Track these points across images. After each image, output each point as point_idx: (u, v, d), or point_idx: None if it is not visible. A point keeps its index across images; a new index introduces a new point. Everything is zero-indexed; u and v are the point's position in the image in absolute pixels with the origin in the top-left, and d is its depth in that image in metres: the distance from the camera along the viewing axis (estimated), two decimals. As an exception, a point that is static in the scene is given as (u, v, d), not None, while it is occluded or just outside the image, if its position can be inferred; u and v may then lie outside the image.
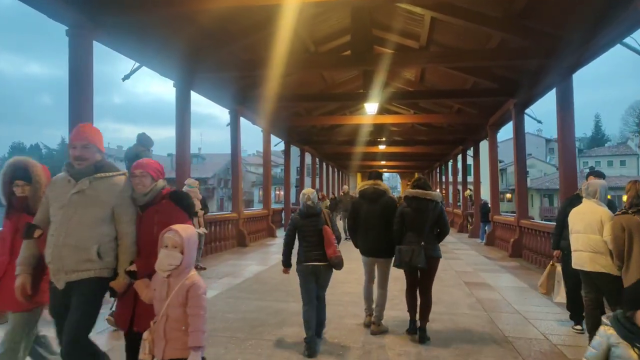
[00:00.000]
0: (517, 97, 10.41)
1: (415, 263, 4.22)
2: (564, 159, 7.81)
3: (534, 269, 8.83)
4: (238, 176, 12.27)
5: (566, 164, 7.79)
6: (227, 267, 8.64)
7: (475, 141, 17.05)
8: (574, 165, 7.87)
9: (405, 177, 51.99)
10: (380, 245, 4.57)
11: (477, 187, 16.58)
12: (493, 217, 13.40)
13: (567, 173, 7.76)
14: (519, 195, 10.78)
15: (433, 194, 4.38)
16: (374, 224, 4.60)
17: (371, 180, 4.81)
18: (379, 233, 4.57)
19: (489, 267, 9.15)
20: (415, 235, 4.35)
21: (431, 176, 34.53)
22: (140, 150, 4.96)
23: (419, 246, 4.25)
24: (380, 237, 4.57)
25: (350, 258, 5.14)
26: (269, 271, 8.23)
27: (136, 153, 4.76)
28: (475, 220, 16.31)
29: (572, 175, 7.76)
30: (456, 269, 8.71)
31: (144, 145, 5.11)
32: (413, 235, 4.36)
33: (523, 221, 10.41)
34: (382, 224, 4.57)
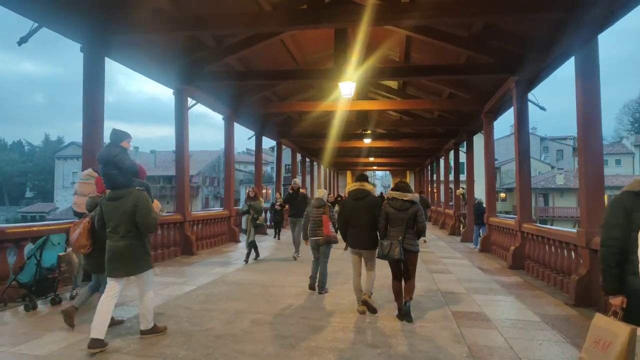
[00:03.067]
0: (520, 74, 8.47)
1: (392, 255, 4.79)
2: (588, 147, 5.84)
3: (542, 287, 6.90)
4: (184, 171, 10.20)
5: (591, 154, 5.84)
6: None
7: (469, 133, 15.13)
8: (600, 156, 5.94)
9: (397, 175, 50.29)
10: (366, 239, 5.20)
11: (471, 185, 14.66)
12: (489, 219, 11.49)
13: (592, 163, 5.82)
14: (521, 195, 8.85)
15: (410, 195, 4.99)
16: (360, 220, 5.20)
17: (358, 182, 5.45)
18: (364, 228, 5.19)
19: (484, 284, 7.21)
20: (395, 231, 4.92)
21: (422, 174, 32.65)
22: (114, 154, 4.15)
23: (397, 241, 4.82)
24: (365, 232, 5.19)
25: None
26: (192, 295, 6.22)
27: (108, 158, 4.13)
28: (468, 222, 14.39)
29: (597, 166, 5.83)
30: (444, 288, 6.75)
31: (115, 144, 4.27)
32: (394, 231, 4.94)
33: (526, 225, 8.48)
34: (367, 220, 5.17)
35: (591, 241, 5.59)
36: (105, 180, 4.14)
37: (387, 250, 4.80)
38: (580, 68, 5.94)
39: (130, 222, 3.91)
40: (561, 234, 6.70)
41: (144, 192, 4.12)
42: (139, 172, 4.30)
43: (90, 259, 4.36)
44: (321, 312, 5.30)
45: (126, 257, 3.93)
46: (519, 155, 8.87)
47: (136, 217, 3.91)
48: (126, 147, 4.32)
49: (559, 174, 46.35)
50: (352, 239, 5.30)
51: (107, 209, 3.99)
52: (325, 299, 5.98)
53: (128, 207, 3.91)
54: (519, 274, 8.19)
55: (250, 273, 7.86)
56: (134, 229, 3.93)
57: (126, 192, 3.99)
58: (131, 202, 3.92)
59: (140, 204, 3.94)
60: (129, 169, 4.11)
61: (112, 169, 4.05)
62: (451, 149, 18.86)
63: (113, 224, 3.94)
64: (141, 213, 3.91)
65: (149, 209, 4.00)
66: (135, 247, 3.96)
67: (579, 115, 5.93)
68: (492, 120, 11.61)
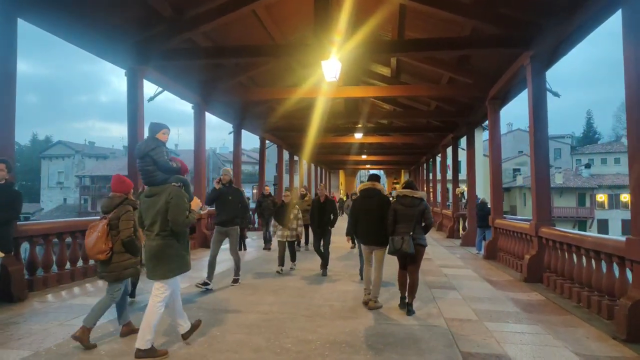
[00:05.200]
0: (536, 47, 7.01)
1: (405, 250, 5.05)
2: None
3: (572, 309, 5.43)
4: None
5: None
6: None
7: (470, 126, 13.66)
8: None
9: (391, 174, 48.91)
10: (377, 236, 5.46)
11: (472, 183, 13.19)
12: (495, 221, 10.03)
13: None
14: (537, 194, 7.37)
15: (419, 193, 5.37)
16: (371, 217, 5.49)
17: (369, 182, 5.74)
18: (375, 226, 5.45)
19: (499, 305, 5.72)
20: (405, 227, 5.18)
21: (417, 173, 31.21)
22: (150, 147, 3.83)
23: (408, 236, 5.08)
24: (376, 229, 5.44)
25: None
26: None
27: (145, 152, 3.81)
28: (470, 224, 12.94)
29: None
30: (448, 313, 5.25)
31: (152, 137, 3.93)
32: (403, 227, 5.19)
33: (545, 230, 7.01)
34: (378, 218, 5.43)
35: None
36: (142, 175, 3.87)
37: (400, 245, 5.06)
38: (630, 22, 4.47)
39: (164, 220, 3.68)
40: (601, 242, 5.20)
41: (179, 189, 3.79)
42: (177, 169, 3.92)
43: (107, 266, 3.96)
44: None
45: (159, 257, 3.70)
46: (534, 146, 7.39)
47: (168, 215, 3.65)
48: (162, 139, 3.94)
49: (557, 173, 45.12)
50: (363, 236, 5.63)
51: (144, 205, 3.82)
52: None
53: (161, 204, 3.69)
54: (538, 289, 6.71)
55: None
56: (168, 227, 3.70)
57: (161, 188, 3.77)
58: (164, 199, 3.69)
59: (173, 201, 3.67)
60: (164, 164, 3.80)
61: (147, 164, 3.79)
62: (449, 144, 17.43)
63: (148, 221, 3.76)
64: (173, 210, 3.65)
65: (182, 206, 3.70)
66: (168, 247, 3.72)
67: (628, 79, 4.46)
68: (498, 108, 10.14)
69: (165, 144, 3.95)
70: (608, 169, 51.81)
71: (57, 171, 60.91)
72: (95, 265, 7.58)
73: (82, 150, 62.69)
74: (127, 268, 4.00)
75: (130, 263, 4.01)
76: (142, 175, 3.86)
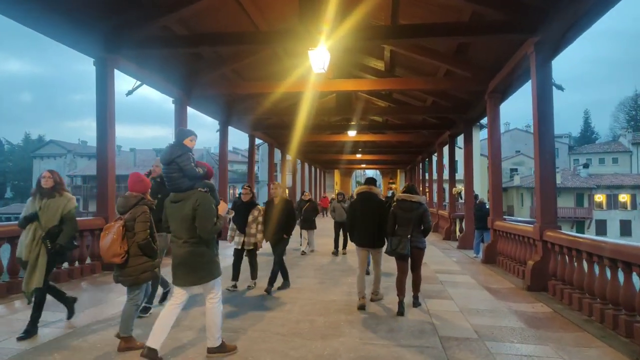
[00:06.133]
0: (542, 33, 6.38)
1: (400, 251, 5.26)
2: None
3: (583, 324, 4.80)
4: (107, 162, 7.92)
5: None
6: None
7: (467, 122, 13.03)
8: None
9: (387, 174, 48.29)
10: (373, 238, 5.55)
11: (470, 182, 12.57)
12: (494, 222, 9.40)
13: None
14: (542, 195, 6.75)
15: (418, 197, 5.48)
16: (367, 220, 5.54)
17: (366, 185, 5.86)
18: (371, 229, 5.52)
19: (501, 319, 5.08)
20: (404, 229, 5.34)
21: (413, 173, 30.58)
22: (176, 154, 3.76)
23: (406, 238, 5.28)
24: (372, 231, 5.53)
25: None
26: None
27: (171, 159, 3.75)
28: (467, 226, 12.33)
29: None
30: (443, 329, 4.60)
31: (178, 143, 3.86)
32: (402, 229, 5.36)
33: (551, 234, 6.38)
34: (374, 220, 5.52)
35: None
36: (167, 182, 3.76)
37: (396, 246, 5.28)
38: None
39: (191, 227, 3.56)
40: (621, 249, 4.56)
41: (206, 194, 3.66)
42: (204, 176, 3.81)
43: (123, 269, 3.78)
44: None
45: (189, 265, 3.60)
46: (539, 142, 6.77)
47: (196, 222, 3.54)
48: (190, 145, 3.86)
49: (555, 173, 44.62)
50: (359, 238, 5.63)
51: (169, 211, 3.73)
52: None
53: (187, 211, 3.57)
54: (542, 299, 6.09)
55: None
56: (196, 234, 3.57)
57: (187, 194, 3.66)
58: (190, 206, 3.57)
59: (200, 208, 3.55)
60: (191, 171, 3.69)
61: (173, 171, 3.70)
62: (446, 143, 16.80)
63: (174, 228, 3.68)
64: (200, 218, 3.54)
65: (210, 213, 3.58)
66: (199, 255, 3.61)
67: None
68: (498, 103, 9.51)
69: (192, 150, 3.88)
70: (606, 169, 51.36)
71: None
72: (91, 265, 7.07)
73: (74, 149, 61.80)
74: (144, 271, 3.82)
75: (147, 266, 3.83)
76: (167, 182, 3.76)
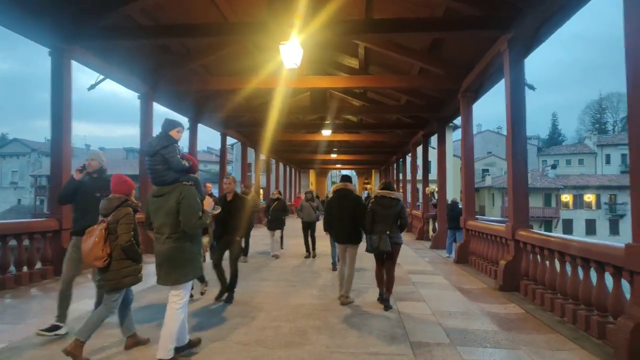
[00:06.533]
0: (515, 30, 6.30)
1: (382, 248, 5.34)
2: None
3: (555, 325, 4.69)
4: (61, 160, 7.40)
5: None
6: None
7: (440, 122, 13.01)
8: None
9: (362, 174, 48.34)
10: (350, 234, 5.65)
11: (443, 182, 12.54)
12: (467, 222, 9.35)
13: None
14: (514, 194, 6.66)
15: (396, 194, 5.60)
16: (344, 217, 5.65)
17: (342, 183, 5.95)
18: (348, 225, 5.63)
19: (474, 322, 4.93)
20: (382, 226, 5.43)
21: (388, 173, 30.64)
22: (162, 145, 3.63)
23: (385, 235, 5.36)
24: (349, 229, 5.63)
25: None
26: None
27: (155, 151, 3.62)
28: (440, 225, 12.29)
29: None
30: (414, 334, 4.41)
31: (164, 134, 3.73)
32: (381, 226, 5.44)
33: (523, 233, 6.30)
34: (351, 218, 5.62)
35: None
36: (151, 174, 3.62)
37: (377, 244, 5.34)
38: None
39: (175, 222, 3.42)
40: (590, 248, 4.48)
41: (191, 187, 3.56)
42: (189, 169, 3.68)
43: (104, 273, 3.62)
44: None
45: (172, 261, 3.43)
46: (512, 141, 6.69)
47: (180, 216, 3.41)
48: (176, 137, 3.74)
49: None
50: (337, 235, 5.83)
51: (152, 206, 3.58)
52: None
53: (172, 204, 3.43)
54: (515, 300, 6.00)
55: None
56: (179, 229, 3.43)
57: (171, 187, 3.52)
58: (174, 199, 3.43)
59: (185, 201, 3.44)
60: (177, 164, 3.56)
61: (157, 163, 3.56)
62: (419, 143, 16.79)
63: (157, 223, 3.52)
64: (185, 211, 3.41)
65: (195, 207, 3.47)
66: (181, 251, 3.46)
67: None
68: (471, 102, 9.45)
69: (178, 142, 3.72)
70: (572, 170, 53.02)
71: (12, 170, 57.46)
72: (42, 270, 6.57)
73: (39, 148, 59.24)
74: (127, 276, 3.63)
75: (130, 270, 3.65)
76: (151, 175, 3.61)
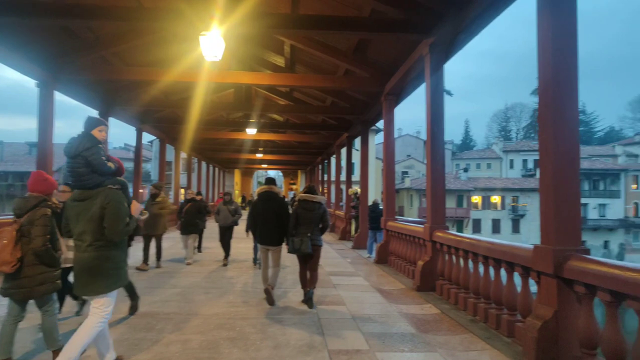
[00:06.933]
0: (436, 35, 6.45)
1: (303, 250, 5.52)
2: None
3: (468, 324, 4.81)
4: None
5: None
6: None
7: (364, 124, 13.20)
8: None
9: (288, 175, 48.26)
10: (273, 236, 5.81)
11: (365, 183, 12.73)
12: (387, 223, 9.51)
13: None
14: (433, 195, 6.84)
15: (319, 197, 5.74)
16: (268, 219, 5.82)
17: (266, 186, 6.04)
18: (272, 226, 5.80)
19: (391, 326, 4.89)
20: (305, 228, 5.61)
21: (313, 174, 30.79)
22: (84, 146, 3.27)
23: (307, 237, 5.54)
24: (273, 230, 5.79)
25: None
26: None
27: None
28: (362, 226, 12.44)
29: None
30: (333, 343, 4.23)
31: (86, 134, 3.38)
32: (304, 229, 5.61)
33: (440, 234, 6.47)
34: (275, 219, 5.80)
35: (562, 266, 3.53)
36: (71, 177, 3.22)
37: (299, 246, 5.49)
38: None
39: (99, 229, 3.11)
40: (497, 248, 4.65)
41: (117, 191, 3.23)
42: (115, 172, 3.35)
43: (14, 280, 3.23)
44: None
45: (93, 271, 3.10)
46: (432, 144, 6.86)
47: (104, 222, 3.09)
48: (99, 137, 3.35)
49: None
50: (261, 237, 5.87)
51: (72, 212, 3.21)
52: None
53: (95, 210, 3.11)
54: (431, 300, 6.12)
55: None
56: (103, 237, 3.12)
57: (95, 191, 3.18)
58: (99, 204, 3.12)
59: (110, 207, 3.12)
60: (101, 166, 3.21)
61: (79, 165, 3.18)
62: (344, 144, 16.98)
63: (78, 230, 3.16)
64: (110, 218, 3.10)
65: (121, 213, 3.16)
66: (105, 259, 3.14)
67: (541, 48, 3.89)
68: (393, 105, 9.64)
69: (102, 142, 3.39)
70: (481, 173, 57.38)
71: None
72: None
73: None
74: (42, 283, 3.31)
75: (46, 277, 3.33)
76: (72, 177, 3.26)
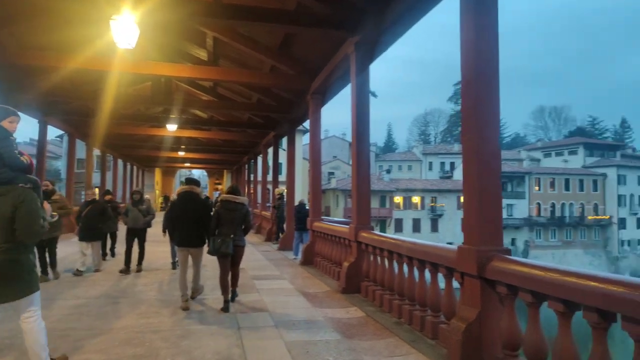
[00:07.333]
0: (361, 33, 6.38)
1: (224, 250, 5.40)
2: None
3: (393, 327, 4.75)
4: None
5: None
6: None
7: (291, 123, 12.97)
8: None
9: (213, 174, 46.62)
10: (193, 237, 5.70)
11: (292, 183, 12.50)
12: (313, 223, 9.35)
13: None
14: (358, 195, 6.76)
15: (241, 198, 5.69)
16: (188, 220, 5.67)
17: (187, 186, 5.97)
18: (192, 229, 5.67)
19: (316, 333, 4.67)
20: (227, 229, 5.50)
21: (240, 174, 29.96)
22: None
23: (229, 238, 5.44)
24: (193, 231, 5.68)
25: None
26: None
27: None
28: (288, 227, 12.20)
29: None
30: (252, 354, 3.93)
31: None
32: (226, 229, 5.50)
33: (365, 235, 6.40)
34: (195, 221, 5.66)
35: (485, 267, 3.54)
36: None
37: (220, 246, 5.41)
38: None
39: (9, 230, 2.93)
40: (420, 249, 4.63)
41: (30, 190, 3.05)
42: (27, 168, 3.12)
43: None
44: None
45: (5, 277, 2.90)
46: (357, 145, 6.78)
47: (16, 223, 2.91)
48: (10, 128, 3.13)
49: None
50: (181, 238, 5.75)
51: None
52: None
53: (6, 210, 2.93)
54: (356, 302, 6.01)
55: None
56: (13, 239, 2.94)
57: (5, 189, 2.98)
58: (11, 203, 2.94)
59: (24, 206, 2.96)
60: (14, 160, 3.00)
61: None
62: (270, 144, 16.63)
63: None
64: (24, 218, 2.94)
65: (36, 213, 3.02)
66: (18, 263, 2.96)
67: (462, 51, 3.89)
68: (319, 104, 9.51)
69: (12, 135, 3.15)
70: (403, 174, 60.01)
71: None
72: None
73: None
74: None
75: None
76: None
